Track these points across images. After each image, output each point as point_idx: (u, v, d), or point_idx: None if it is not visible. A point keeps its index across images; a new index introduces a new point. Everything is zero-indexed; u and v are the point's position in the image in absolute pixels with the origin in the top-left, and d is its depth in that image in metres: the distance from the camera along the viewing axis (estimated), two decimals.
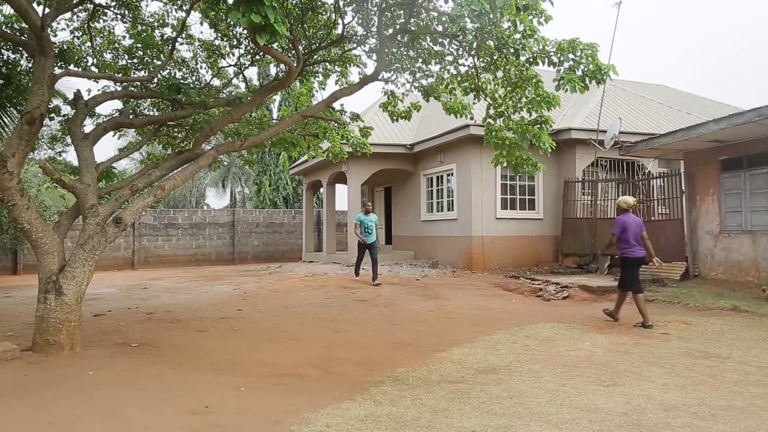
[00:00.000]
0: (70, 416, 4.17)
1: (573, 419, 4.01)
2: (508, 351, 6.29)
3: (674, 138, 10.93)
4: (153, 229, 22.51)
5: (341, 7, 8.08)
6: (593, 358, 5.91)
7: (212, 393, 4.76)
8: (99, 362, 5.77)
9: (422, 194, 17.59)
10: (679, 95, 21.93)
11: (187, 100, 8.18)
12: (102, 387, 4.93)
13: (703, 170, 11.65)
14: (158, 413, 4.26)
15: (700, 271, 11.59)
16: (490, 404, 4.38)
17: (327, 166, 18.53)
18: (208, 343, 6.90)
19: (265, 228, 24.70)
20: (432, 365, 5.69)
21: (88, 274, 6.23)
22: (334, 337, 7.37)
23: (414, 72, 9.21)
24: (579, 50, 6.80)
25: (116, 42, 9.05)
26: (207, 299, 11.19)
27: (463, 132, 14.27)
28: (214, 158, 7.55)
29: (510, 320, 8.24)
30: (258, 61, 9.89)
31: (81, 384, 5.01)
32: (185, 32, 8.92)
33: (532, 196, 15.68)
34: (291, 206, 30.14)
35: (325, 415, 4.16)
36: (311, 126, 10.35)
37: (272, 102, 27.10)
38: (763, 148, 10.29)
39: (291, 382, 5.18)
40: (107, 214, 6.55)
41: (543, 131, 8.43)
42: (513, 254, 14.78)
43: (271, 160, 30.34)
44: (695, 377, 5.10)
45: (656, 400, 4.44)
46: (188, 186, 40.52)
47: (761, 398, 4.46)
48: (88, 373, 5.34)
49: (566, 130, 14.79)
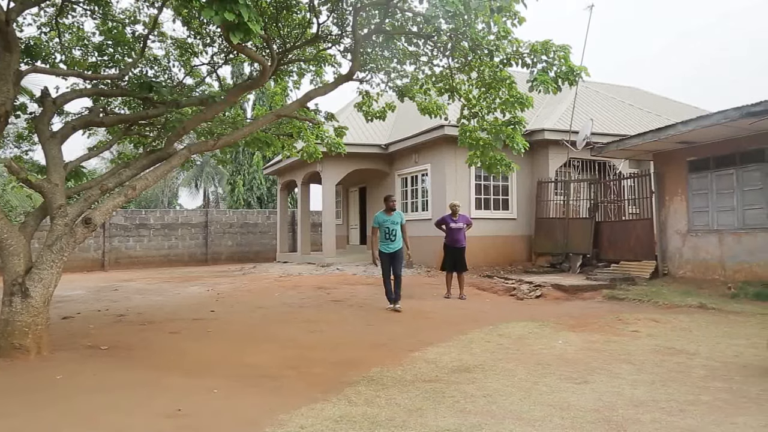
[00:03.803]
0: (37, 422, 4.07)
1: (545, 416, 4.06)
2: (482, 350, 6.33)
3: (644, 139, 11.14)
4: (124, 229, 22.16)
5: (316, 7, 8.05)
6: (565, 355, 5.98)
7: (186, 396, 4.70)
8: (68, 366, 5.64)
9: (397, 194, 17.60)
10: (649, 97, 22.33)
11: (158, 99, 8.06)
12: (71, 391, 4.82)
13: (672, 171, 11.89)
14: (130, 417, 4.19)
15: (669, 270, 11.82)
16: (464, 403, 4.40)
17: (301, 166, 18.44)
18: (182, 345, 6.81)
19: (239, 228, 24.49)
20: (407, 365, 5.70)
21: (56, 276, 6.09)
22: (309, 337, 7.33)
23: (389, 72, 9.22)
24: (552, 52, 6.89)
25: (86, 38, 8.87)
26: (180, 301, 11.04)
27: (438, 132, 14.33)
28: (186, 158, 7.46)
29: (484, 319, 8.30)
30: (232, 60, 9.79)
31: (49, 389, 4.90)
32: (157, 29, 8.78)
33: (506, 196, 15.83)
34: (265, 206, 29.91)
35: (299, 416, 4.13)
36: (285, 125, 10.29)
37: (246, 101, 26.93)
38: (729, 150, 10.55)
39: (265, 384, 5.14)
40: (76, 214, 6.42)
41: (516, 132, 8.52)
42: (487, 254, 14.88)
43: (245, 159, 30.07)
44: (664, 373, 5.19)
45: (626, 396, 4.52)
46: (160, 186, 39.93)
47: (726, 392, 4.56)
48: (56, 377, 5.22)
49: (539, 131, 14.96)
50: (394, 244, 9.34)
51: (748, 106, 8.76)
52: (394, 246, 9.35)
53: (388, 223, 9.29)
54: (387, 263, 9.36)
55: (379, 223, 9.33)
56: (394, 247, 9.35)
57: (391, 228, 9.29)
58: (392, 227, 9.29)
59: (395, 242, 9.35)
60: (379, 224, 9.33)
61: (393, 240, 9.32)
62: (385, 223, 9.30)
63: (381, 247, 9.35)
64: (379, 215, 9.41)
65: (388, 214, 9.35)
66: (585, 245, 13.88)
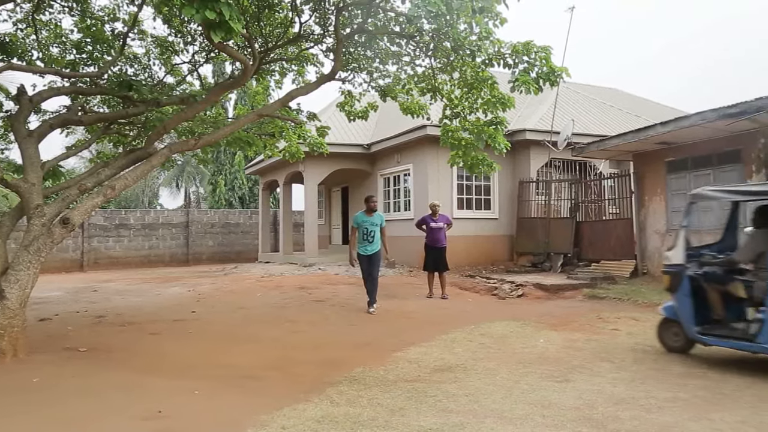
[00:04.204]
0: (13, 427, 4.00)
1: (527, 415, 4.09)
2: (464, 349, 6.36)
3: (624, 140, 11.26)
4: (103, 229, 21.87)
5: (298, 6, 8.02)
6: (547, 354, 6.03)
7: (166, 397, 4.65)
8: (45, 369, 5.56)
9: (379, 194, 17.59)
10: (629, 98, 22.59)
11: (138, 97, 7.97)
12: (48, 395, 4.75)
13: (651, 171, 12.03)
14: (109, 420, 4.14)
15: (648, 269, 11.96)
16: (446, 402, 4.41)
17: (283, 166, 18.35)
18: (162, 347, 6.74)
19: (221, 228, 24.31)
20: (389, 365, 5.70)
21: (33, 277, 6.00)
22: (291, 338, 7.30)
23: (371, 72, 9.22)
24: (533, 52, 6.94)
25: (63, 36, 8.73)
26: (160, 301, 10.93)
27: (420, 132, 14.35)
28: (167, 157, 7.39)
29: (466, 319, 8.33)
30: (213, 59, 9.72)
31: (25, 392, 4.82)
32: (137, 27, 8.69)
33: (488, 196, 15.90)
34: (247, 206, 29.73)
35: (281, 416, 4.12)
36: (267, 125, 10.24)
37: (227, 100, 26.73)
38: (706, 151, 10.70)
39: (247, 385, 5.11)
40: (54, 214, 6.32)
41: (498, 132, 8.57)
42: (469, 253, 14.93)
43: (226, 159, 29.86)
44: (643, 371, 5.26)
45: (606, 394, 4.57)
46: (140, 186, 39.48)
47: (703, 389, 4.64)
48: (33, 380, 5.14)
49: (521, 131, 15.05)
50: (372, 246, 9.11)
51: (725, 107, 8.90)
52: (372, 248, 9.12)
53: (368, 224, 9.07)
54: (365, 265, 9.16)
55: (358, 223, 9.12)
56: (371, 249, 9.13)
57: (369, 229, 9.07)
58: (371, 228, 9.08)
59: (373, 244, 9.12)
60: (358, 224, 9.12)
61: (371, 242, 9.09)
62: (364, 224, 9.08)
63: (359, 249, 9.14)
64: (359, 215, 9.20)
65: (368, 214, 9.12)
66: (566, 245, 14.00)
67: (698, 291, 5.72)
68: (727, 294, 5.65)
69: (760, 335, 5.01)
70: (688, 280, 5.68)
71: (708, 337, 5.52)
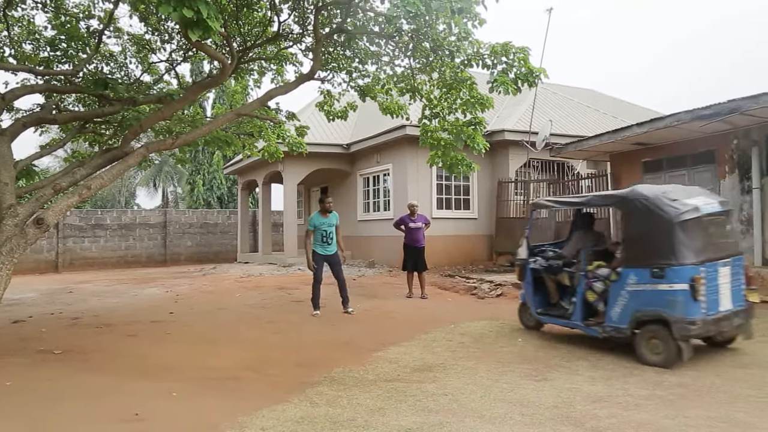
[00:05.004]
0: None
1: (506, 414, 4.12)
2: (444, 349, 6.38)
3: (601, 140, 11.40)
4: (79, 230, 21.51)
5: (277, 5, 7.98)
6: (525, 353, 6.08)
7: (143, 400, 4.60)
8: (18, 371, 5.46)
9: (359, 194, 17.60)
10: (606, 99, 22.87)
11: (114, 96, 7.87)
12: (21, 398, 4.66)
13: (627, 171, 12.19)
14: (84, 424, 4.08)
15: None
16: (426, 402, 4.43)
17: (262, 166, 18.25)
18: (139, 348, 6.66)
19: (199, 228, 24.07)
20: (369, 365, 5.71)
21: (6, 279, 5.87)
22: (270, 338, 7.26)
23: (350, 72, 9.20)
24: (512, 53, 6.99)
25: (37, 32, 8.57)
26: (137, 302, 10.80)
27: (400, 132, 14.38)
28: (143, 156, 7.30)
29: (446, 318, 8.36)
30: (191, 57, 9.63)
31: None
32: (113, 25, 8.56)
33: (467, 195, 15.98)
34: (226, 206, 29.49)
35: (260, 417, 4.10)
36: (246, 125, 10.17)
37: (206, 99, 26.55)
38: (681, 151, 10.88)
39: (226, 386, 5.07)
40: (27, 214, 6.20)
41: (477, 132, 8.62)
42: (449, 253, 14.99)
43: (204, 159, 29.60)
44: (620, 369, 5.33)
45: (584, 392, 4.62)
46: (117, 185, 38.97)
47: (679, 387, 4.71)
48: (5, 384, 5.04)
49: (500, 132, 15.15)
50: (332, 246, 8.97)
51: (699, 109, 9.06)
52: (332, 248, 8.98)
53: (325, 225, 8.88)
54: (322, 266, 8.95)
55: (315, 225, 8.87)
56: (331, 250, 8.97)
57: (328, 230, 8.89)
58: (329, 229, 8.91)
59: (332, 245, 8.98)
60: (315, 227, 8.86)
61: (330, 243, 8.94)
62: (321, 226, 8.86)
63: (318, 250, 8.92)
64: (315, 217, 8.94)
65: (324, 215, 8.91)
66: None
67: (540, 280, 7.09)
68: (559, 282, 6.93)
69: (573, 315, 6.39)
70: (530, 272, 7.08)
71: (544, 317, 6.93)
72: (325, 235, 8.90)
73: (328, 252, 8.97)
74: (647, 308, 5.55)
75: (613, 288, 5.90)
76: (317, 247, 8.94)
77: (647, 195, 5.76)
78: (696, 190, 6.38)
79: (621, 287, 5.79)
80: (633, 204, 5.86)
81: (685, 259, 5.37)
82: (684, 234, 5.45)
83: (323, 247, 8.94)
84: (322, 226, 8.88)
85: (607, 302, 5.97)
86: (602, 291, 6.11)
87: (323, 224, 8.88)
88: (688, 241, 5.45)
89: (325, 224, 8.89)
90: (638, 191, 5.88)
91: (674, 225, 5.44)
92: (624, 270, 5.81)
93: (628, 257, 5.92)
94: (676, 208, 5.50)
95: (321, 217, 8.91)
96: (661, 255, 5.51)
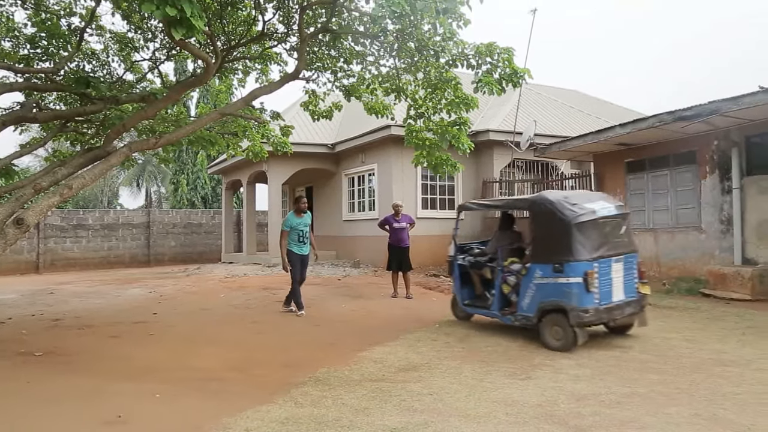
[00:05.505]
0: None
1: (490, 413, 4.14)
2: (429, 348, 6.39)
3: (585, 141, 11.50)
4: (60, 230, 21.26)
5: (262, 4, 7.95)
6: (509, 352, 6.11)
7: (126, 402, 4.56)
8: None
9: (344, 194, 17.59)
10: (589, 100, 23.07)
11: (97, 95, 7.78)
12: (2, 401, 4.60)
13: (611, 172, 12.31)
14: (67, 426, 4.03)
15: None
16: (411, 401, 4.43)
17: (247, 166, 18.17)
18: (122, 350, 6.60)
19: (183, 229, 23.90)
20: (353, 365, 5.70)
21: None
22: (255, 339, 7.23)
23: (335, 71, 9.20)
24: (496, 54, 7.03)
25: (16, 29, 8.45)
26: (120, 303, 10.69)
27: (385, 132, 14.38)
28: (126, 156, 7.23)
29: (431, 318, 8.37)
30: (174, 56, 9.55)
31: None
32: (95, 23, 8.47)
33: (452, 195, 16.03)
34: (210, 206, 29.30)
35: (244, 418, 4.08)
36: (230, 124, 10.12)
37: (190, 99, 26.31)
38: (663, 152, 11.01)
39: (211, 387, 5.04)
40: (7, 214, 6.11)
41: (462, 132, 8.65)
42: (434, 253, 15.01)
43: (188, 158, 29.38)
44: (602, 367, 5.38)
45: (568, 390, 4.65)
46: (99, 185, 38.56)
47: (660, 384, 4.77)
48: None
49: (484, 132, 15.22)
50: (307, 246, 9.03)
51: (680, 110, 9.18)
52: (307, 249, 9.04)
53: (301, 225, 8.91)
54: (299, 265, 8.94)
55: (291, 226, 8.84)
56: (306, 250, 9.04)
57: (304, 231, 8.95)
58: (305, 230, 8.96)
59: (307, 245, 9.05)
60: (291, 227, 8.84)
61: (305, 243, 8.99)
62: (298, 226, 8.87)
63: (294, 249, 8.91)
64: (291, 218, 8.89)
65: (300, 216, 8.93)
66: None
67: (467, 275, 7.74)
68: (482, 277, 7.57)
69: (492, 305, 7.09)
70: (458, 267, 7.75)
71: (470, 308, 7.61)
72: (302, 235, 8.96)
73: (304, 252, 9.04)
74: (550, 299, 6.24)
75: (523, 281, 6.57)
76: (293, 247, 8.95)
77: (551, 199, 6.42)
78: (597, 195, 7.13)
79: (529, 281, 6.47)
80: (539, 207, 6.57)
81: (581, 255, 6.05)
82: (580, 234, 6.11)
83: (299, 246, 8.98)
84: (299, 226, 8.92)
85: (518, 294, 6.65)
86: (515, 284, 6.79)
87: (299, 224, 8.92)
88: (584, 240, 6.12)
89: (301, 224, 8.95)
90: (543, 196, 6.58)
91: (572, 226, 6.09)
92: (532, 265, 6.47)
93: (535, 254, 6.55)
94: (574, 211, 6.16)
95: (296, 218, 8.93)
96: (561, 252, 6.15)
